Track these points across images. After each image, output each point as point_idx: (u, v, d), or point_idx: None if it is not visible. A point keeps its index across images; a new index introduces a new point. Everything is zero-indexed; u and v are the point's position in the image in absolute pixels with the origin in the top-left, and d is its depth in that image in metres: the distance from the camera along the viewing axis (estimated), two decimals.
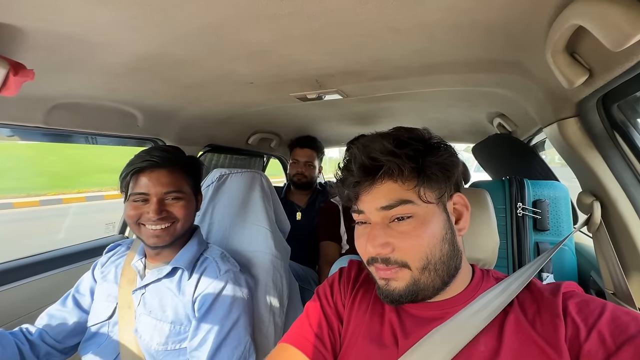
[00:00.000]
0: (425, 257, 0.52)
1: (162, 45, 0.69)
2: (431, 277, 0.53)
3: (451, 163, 0.56)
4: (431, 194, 0.54)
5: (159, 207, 0.84)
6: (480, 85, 1.05)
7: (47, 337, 0.91)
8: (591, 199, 0.78)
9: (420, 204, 0.53)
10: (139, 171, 0.87)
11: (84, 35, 0.63)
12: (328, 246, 1.59)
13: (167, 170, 0.87)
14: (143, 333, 0.87)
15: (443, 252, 0.53)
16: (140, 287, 0.92)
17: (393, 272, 0.53)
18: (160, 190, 0.86)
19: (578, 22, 0.45)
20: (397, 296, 0.54)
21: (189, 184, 0.93)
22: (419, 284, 0.53)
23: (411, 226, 0.52)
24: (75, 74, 0.83)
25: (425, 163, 0.53)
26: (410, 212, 0.52)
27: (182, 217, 0.89)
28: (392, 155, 0.52)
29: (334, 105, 1.41)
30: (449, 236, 0.54)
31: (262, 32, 0.66)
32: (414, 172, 0.53)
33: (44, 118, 0.99)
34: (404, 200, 0.52)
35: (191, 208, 0.92)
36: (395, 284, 0.53)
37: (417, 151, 0.53)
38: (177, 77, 0.92)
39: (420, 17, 0.62)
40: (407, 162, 0.52)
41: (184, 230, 0.91)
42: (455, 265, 0.55)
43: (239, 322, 0.88)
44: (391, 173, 0.53)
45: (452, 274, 0.55)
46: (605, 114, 0.70)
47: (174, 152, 0.93)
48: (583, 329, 0.46)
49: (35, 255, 1.24)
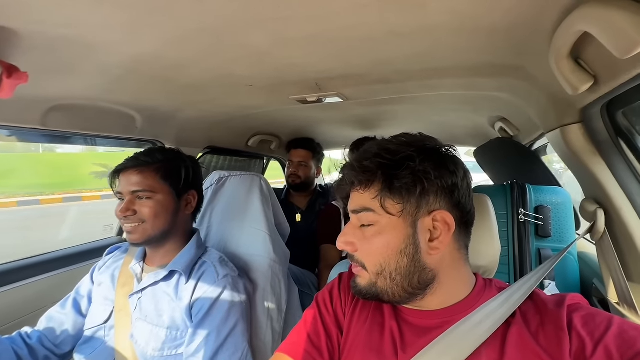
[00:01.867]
0: (378, 264, 0.55)
1: (160, 47, 0.69)
2: (388, 284, 0.55)
3: (417, 180, 0.53)
4: (395, 206, 0.54)
5: (125, 206, 0.87)
6: (483, 90, 1.04)
7: (46, 340, 0.91)
8: (595, 206, 0.77)
9: (383, 214, 0.54)
10: (117, 172, 0.91)
11: (79, 36, 0.62)
12: (328, 249, 1.57)
13: (137, 171, 0.89)
14: (139, 338, 0.86)
15: (400, 265, 0.54)
16: (137, 292, 0.91)
17: (357, 270, 0.58)
18: (129, 189, 0.88)
19: (583, 29, 0.44)
20: (358, 291, 0.58)
21: (165, 184, 0.91)
22: (377, 287, 0.56)
23: (371, 233, 0.55)
24: (72, 76, 0.82)
25: (389, 175, 0.54)
26: (372, 221, 0.55)
27: (151, 217, 0.87)
28: (350, 167, 0.58)
29: (335, 108, 1.41)
30: (409, 251, 0.53)
31: (261, 34, 0.65)
32: (375, 182, 0.55)
33: (41, 119, 0.98)
34: (366, 208, 0.56)
35: (163, 208, 0.90)
36: (359, 281, 0.58)
37: (379, 164, 0.55)
38: (176, 78, 0.91)
39: (421, 21, 0.61)
40: (361, 174, 0.56)
41: (157, 231, 0.89)
42: (419, 280, 0.54)
43: (237, 328, 0.87)
44: (354, 184, 0.57)
45: (418, 287, 0.55)
46: (609, 121, 0.69)
47: (152, 153, 0.93)
48: (589, 344, 0.45)
49: (34, 257, 1.23)
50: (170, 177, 0.93)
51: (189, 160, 1.00)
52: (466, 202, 0.57)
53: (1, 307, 1.06)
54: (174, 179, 0.94)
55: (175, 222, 0.94)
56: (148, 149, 0.98)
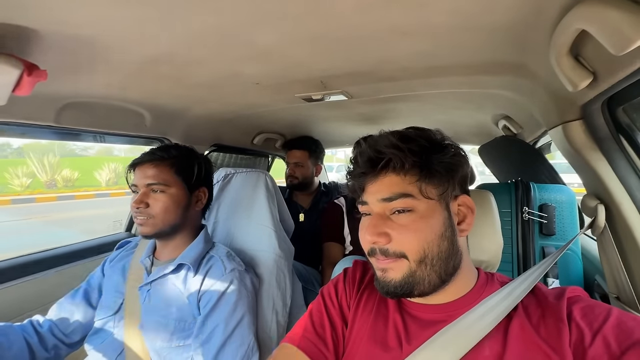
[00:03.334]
0: (422, 250, 0.53)
1: (171, 46, 0.71)
2: (427, 272, 0.53)
3: (457, 163, 0.57)
4: (433, 190, 0.55)
5: (139, 198, 0.90)
6: (485, 87, 1.05)
7: (56, 329, 0.93)
8: (595, 202, 0.78)
9: (421, 199, 0.54)
10: (133, 166, 0.95)
11: (96, 36, 0.64)
12: (331, 247, 1.59)
13: (152, 164, 0.92)
14: (148, 329, 0.89)
15: (441, 249, 0.54)
16: (146, 283, 0.93)
17: (390, 262, 0.54)
18: (144, 182, 0.91)
19: (581, 26, 0.45)
20: (392, 287, 0.54)
21: (178, 178, 0.95)
22: (415, 277, 0.53)
23: (410, 219, 0.53)
24: (86, 74, 0.85)
25: (428, 159, 0.54)
26: (410, 206, 0.54)
27: (161, 211, 0.90)
28: (396, 148, 0.54)
29: (339, 106, 1.42)
30: (448, 234, 0.55)
31: (269, 34, 0.67)
32: (416, 166, 0.54)
33: (55, 117, 1.01)
34: (404, 194, 0.54)
35: (175, 202, 0.93)
36: (392, 275, 0.54)
37: (422, 147, 0.55)
38: (185, 77, 0.94)
39: (425, 20, 0.62)
40: (409, 155, 0.53)
41: (167, 225, 0.92)
42: (454, 264, 0.55)
43: (244, 321, 0.89)
44: (394, 166, 0.54)
45: (451, 273, 0.55)
46: (610, 117, 0.70)
47: (168, 149, 0.97)
48: (588, 334, 0.46)
49: (46, 250, 1.27)
50: (183, 172, 0.96)
51: (201, 157, 1.04)
52: (467, 187, 0.61)
53: (15, 299, 1.09)
54: (187, 174, 0.97)
55: (186, 217, 0.96)
56: (164, 145, 1.02)
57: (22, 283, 1.11)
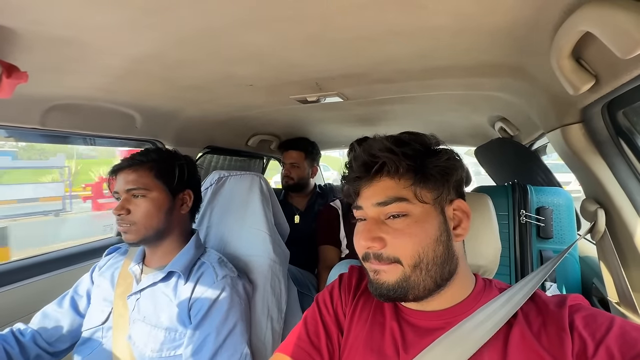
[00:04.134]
0: (417, 255, 0.52)
1: (160, 48, 0.68)
2: (422, 276, 0.53)
3: (451, 167, 0.56)
4: (427, 194, 0.54)
5: (120, 204, 0.88)
6: (483, 89, 1.03)
7: (39, 338, 0.90)
8: (595, 206, 0.77)
9: (416, 203, 0.53)
10: (114, 173, 0.92)
11: (79, 37, 0.62)
12: (327, 250, 1.57)
13: (132, 169, 0.90)
14: (137, 339, 0.86)
15: (437, 253, 0.53)
16: (135, 292, 0.90)
17: (385, 266, 0.54)
18: (124, 188, 0.89)
19: (586, 28, 0.44)
20: (385, 290, 0.54)
21: (159, 182, 0.92)
22: (410, 282, 0.52)
23: (405, 224, 0.53)
24: (71, 76, 0.82)
25: (423, 163, 0.54)
26: (405, 210, 0.53)
27: (143, 217, 0.88)
28: (390, 152, 0.54)
29: (335, 108, 1.40)
30: (444, 238, 0.54)
31: (262, 35, 0.64)
32: (411, 171, 0.54)
33: (40, 119, 0.98)
34: (399, 198, 0.53)
35: (156, 207, 0.90)
36: (385, 277, 0.53)
37: (416, 151, 0.55)
38: (176, 78, 0.91)
39: (422, 21, 0.60)
40: (403, 159, 0.53)
41: (151, 231, 0.89)
42: (449, 269, 0.55)
43: (236, 330, 0.87)
44: (388, 170, 0.54)
45: (446, 278, 0.55)
46: (610, 121, 0.69)
47: (147, 153, 0.94)
48: (590, 344, 0.44)
49: (32, 257, 1.23)
50: (163, 176, 0.93)
51: (183, 159, 1.01)
52: (463, 191, 0.60)
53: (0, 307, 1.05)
54: (168, 177, 0.94)
55: (171, 221, 0.94)
56: (144, 149, 0.98)
57: (6, 291, 1.08)
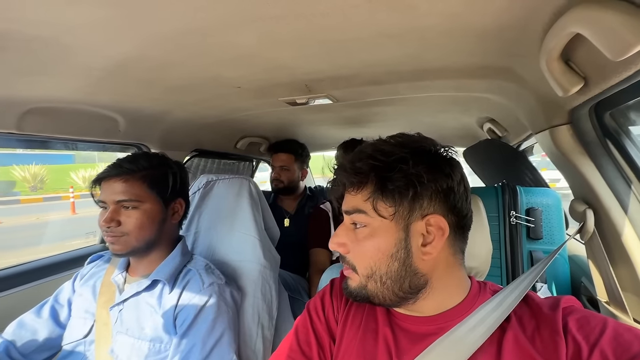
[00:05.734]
0: (369, 267, 0.54)
1: (140, 48, 0.66)
2: (379, 288, 0.54)
3: (410, 184, 0.51)
4: (387, 209, 0.52)
5: (110, 216, 0.82)
6: (472, 91, 1.04)
7: (13, 350, 0.85)
8: (584, 206, 0.77)
9: (375, 217, 0.53)
10: (99, 180, 0.87)
11: (54, 36, 0.59)
12: (318, 253, 1.55)
13: (121, 179, 0.84)
14: (120, 353, 0.82)
15: (390, 269, 0.52)
16: (117, 303, 0.87)
17: (348, 271, 0.57)
18: (113, 199, 0.83)
19: (576, 30, 0.43)
20: (349, 293, 0.57)
21: (152, 192, 0.87)
22: (367, 290, 0.55)
23: (363, 235, 0.54)
24: (48, 77, 0.78)
25: (382, 177, 0.52)
26: (364, 222, 0.54)
27: (135, 229, 0.83)
28: (342, 169, 0.57)
29: (324, 110, 1.39)
30: (400, 255, 0.52)
31: (247, 35, 0.63)
32: (368, 184, 0.54)
33: (17, 123, 0.93)
34: (358, 209, 0.55)
35: (150, 218, 0.86)
36: (349, 282, 0.57)
37: (372, 166, 0.53)
38: (159, 80, 0.88)
39: (412, 22, 0.60)
40: (353, 176, 0.55)
41: (142, 242, 0.86)
42: (410, 284, 0.53)
43: (223, 339, 0.84)
44: (346, 185, 0.57)
45: (409, 292, 0.53)
46: (597, 122, 0.69)
47: (137, 160, 0.88)
48: (585, 348, 0.44)
49: (10, 267, 1.17)
50: (157, 186, 0.89)
51: (175, 166, 0.96)
52: (462, 206, 0.55)
53: None
54: (161, 187, 0.89)
55: (162, 231, 0.90)
56: (132, 155, 0.93)
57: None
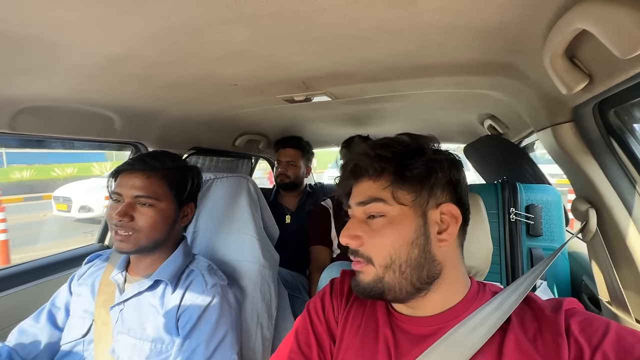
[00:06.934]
0: (388, 256, 0.53)
1: (134, 46, 0.64)
2: (397, 278, 0.53)
3: (431, 169, 0.54)
4: (406, 196, 0.54)
5: (124, 209, 0.81)
6: (473, 88, 1.02)
7: (17, 356, 0.85)
8: (586, 206, 0.76)
9: (393, 205, 0.54)
10: (118, 173, 0.86)
11: (46, 35, 0.57)
12: (318, 251, 1.54)
13: (143, 175, 0.84)
14: (121, 353, 0.82)
15: (411, 256, 0.53)
16: (118, 303, 0.86)
17: (360, 265, 0.55)
18: (131, 193, 0.83)
19: (582, 26, 0.42)
20: (361, 288, 0.55)
21: (170, 193, 0.88)
22: (383, 282, 0.53)
23: (380, 224, 0.54)
24: (41, 76, 0.76)
25: (401, 165, 0.54)
26: (382, 211, 0.54)
27: (147, 227, 0.83)
28: (364, 155, 0.56)
29: (323, 107, 1.37)
30: (420, 242, 0.53)
31: (242, 32, 0.61)
32: (389, 172, 0.55)
33: (9, 123, 0.91)
34: (376, 198, 0.54)
35: (163, 218, 0.86)
36: (362, 277, 0.55)
37: (393, 153, 0.55)
38: (154, 78, 0.87)
39: (412, 18, 0.58)
40: (376, 161, 0.55)
41: (151, 242, 0.85)
42: (428, 273, 0.54)
43: (226, 340, 0.84)
44: (367, 172, 0.56)
45: (425, 281, 0.54)
46: (601, 120, 0.68)
47: (161, 158, 0.89)
48: (587, 350, 0.44)
49: (8, 267, 1.17)
50: (176, 187, 0.89)
51: (195, 170, 0.97)
52: (465, 199, 0.58)
53: None
54: (179, 189, 0.90)
55: (170, 233, 0.90)
56: (155, 152, 0.93)
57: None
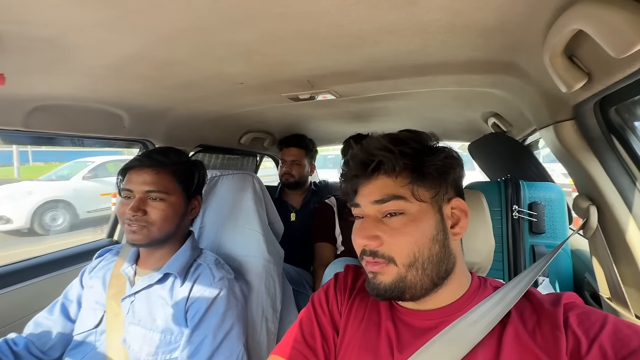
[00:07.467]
0: (412, 254, 0.52)
1: (144, 47, 0.66)
2: (419, 276, 0.52)
3: (449, 166, 0.56)
4: (425, 192, 0.54)
5: (136, 204, 0.84)
6: (475, 86, 1.03)
7: (33, 347, 0.89)
8: (587, 203, 0.77)
9: (413, 202, 0.53)
10: (128, 169, 0.89)
11: (60, 37, 0.60)
12: (322, 248, 1.56)
13: (152, 170, 0.87)
14: (132, 343, 0.85)
15: (432, 252, 0.53)
16: (129, 295, 0.89)
17: (380, 266, 0.53)
18: (142, 189, 0.86)
19: (579, 27, 0.43)
20: (382, 290, 0.54)
21: (179, 186, 0.91)
22: (406, 281, 0.52)
23: (401, 222, 0.53)
24: (54, 76, 0.79)
25: (420, 162, 0.54)
26: (402, 209, 0.53)
27: (160, 220, 0.86)
28: (387, 151, 0.54)
29: (327, 105, 1.39)
30: (440, 237, 0.54)
31: (250, 32, 0.63)
32: (408, 169, 0.54)
33: (24, 121, 0.95)
34: (396, 196, 0.53)
35: (174, 212, 0.89)
36: (382, 278, 0.53)
37: (413, 150, 0.55)
38: (163, 77, 0.89)
39: (413, 19, 0.59)
40: (400, 158, 0.53)
41: (163, 234, 0.88)
42: (446, 268, 0.55)
43: (232, 331, 0.86)
44: (386, 168, 0.54)
45: (443, 277, 0.55)
46: (602, 118, 0.69)
47: (168, 153, 0.92)
48: (584, 342, 0.45)
49: (21, 261, 1.20)
50: (184, 181, 0.92)
51: (200, 165, 1.01)
52: (462, 189, 0.60)
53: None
54: (187, 183, 0.93)
55: (180, 226, 0.93)
56: (161, 148, 0.97)
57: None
